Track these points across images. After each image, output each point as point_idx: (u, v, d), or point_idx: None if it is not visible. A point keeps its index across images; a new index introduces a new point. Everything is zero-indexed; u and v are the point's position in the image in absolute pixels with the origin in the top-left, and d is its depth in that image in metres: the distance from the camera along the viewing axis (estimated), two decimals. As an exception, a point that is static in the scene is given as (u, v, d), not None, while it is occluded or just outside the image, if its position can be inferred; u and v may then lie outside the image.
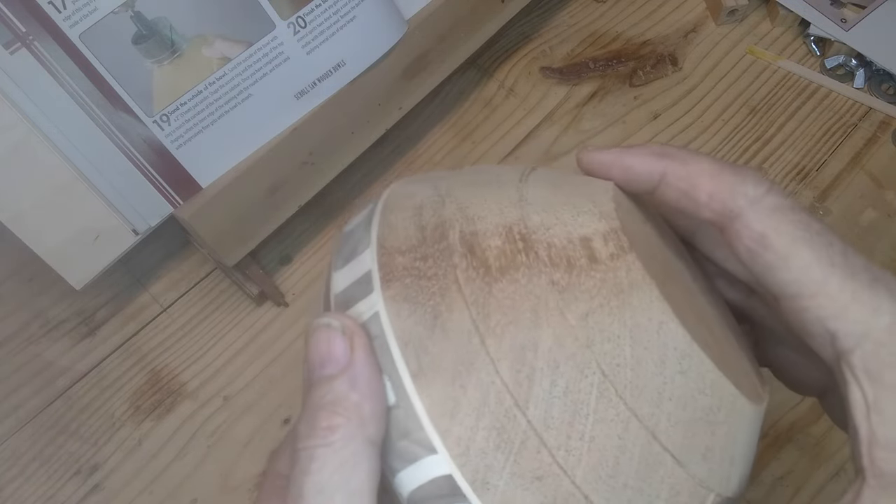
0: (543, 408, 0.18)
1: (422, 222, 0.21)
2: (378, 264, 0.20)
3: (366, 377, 0.19)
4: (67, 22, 0.33)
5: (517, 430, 0.18)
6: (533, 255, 0.19)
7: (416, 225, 0.21)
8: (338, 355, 0.19)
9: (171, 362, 0.44)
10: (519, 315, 0.18)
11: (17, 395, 0.43)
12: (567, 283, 0.19)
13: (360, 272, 0.20)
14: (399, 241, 0.20)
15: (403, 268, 0.20)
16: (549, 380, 0.18)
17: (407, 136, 0.50)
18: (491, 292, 0.19)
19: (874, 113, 0.51)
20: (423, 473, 0.18)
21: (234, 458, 0.41)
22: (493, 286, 0.19)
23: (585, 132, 0.51)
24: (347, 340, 0.19)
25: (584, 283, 0.19)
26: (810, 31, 0.53)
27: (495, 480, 0.18)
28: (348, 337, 0.19)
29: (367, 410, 0.18)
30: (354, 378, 0.19)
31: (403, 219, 0.21)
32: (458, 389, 0.18)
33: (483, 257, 0.19)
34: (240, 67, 0.36)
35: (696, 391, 0.19)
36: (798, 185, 0.49)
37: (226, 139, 0.37)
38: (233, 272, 0.43)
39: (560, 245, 0.19)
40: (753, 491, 0.39)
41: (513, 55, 0.53)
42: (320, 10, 0.37)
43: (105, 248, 0.37)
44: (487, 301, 0.19)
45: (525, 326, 0.18)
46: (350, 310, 0.20)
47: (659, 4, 0.56)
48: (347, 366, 0.19)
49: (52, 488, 0.40)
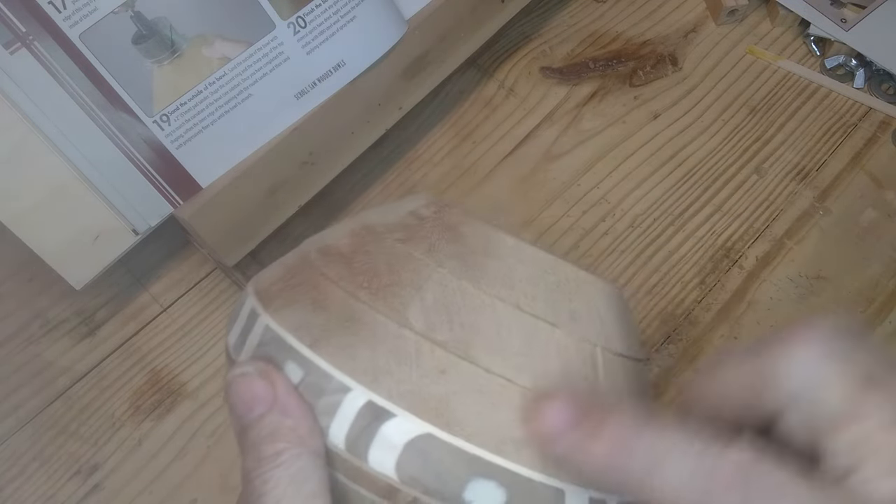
0: (423, 318, 0.21)
1: (286, 263, 0.25)
2: (256, 298, 0.24)
3: (293, 403, 0.21)
4: (67, 22, 0.33)
5: (409, 342, 0.21)
6: (375, 234, 0.24)
7: (281, 265, 0.25)
8: (262, 395, 0.21)
9: (171, 362, 0.44)
10: (377, 269, 0.22)
11: (17, 395, 0.43)
12: (407, 236, 0.23)
13: (245, 314, 0.24)
14: (269, 281, 0.25)
15: (278, 290, 0.24)
16: (419, 298, 0.22)
17: (407, 136, 0.50)
18: (351, 266, 0.23)
19: (874, 113, 0.51)
20: (348, 412, 0.21)
21: (234, 458, 0.41)
22: (351, 262, 0.23)
23: (585, 132, 0.51)
24: (265, 379, 0.21)
25: (419, 232, 0.23)
26: (810, 31, 0.53)
27: (408, 387, 0.21)
28: (265, 376, 0.21)
29: (303, 430, 0.20)
30: (284, 408, 0.21)
31: (271, 269, 0.26)
32: (351, 337, 0.21)
33: (338, 251, 0.24)
34: (240, 67, 0.36)
35: (540, 271, 0.23)
36: (798, 185, 0.49)
37: (226, 139, 0.37)
38: (233, 272, 0.43)
39: (394, 221, 0.24)
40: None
41: (513, 55, 0.53)
42: (320, 10, 0.37)
43: (105, 248, 0.37)
44: (349, 273, 0.23)
45: (385, 273, 0.22)
46: (246, 342, 0.23)
47: (659, 4, 0.56)
48: (273, 400, 0.21)
49: (52, 488, 0.40)
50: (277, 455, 0.20)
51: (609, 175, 0.49)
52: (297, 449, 0.20)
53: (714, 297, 0.45)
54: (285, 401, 0.21)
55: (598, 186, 0.49)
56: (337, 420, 0.21)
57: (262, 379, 0.21)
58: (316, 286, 0.23)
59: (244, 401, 0.21)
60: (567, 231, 0.47)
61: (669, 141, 0.50)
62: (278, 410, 0.21)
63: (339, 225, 0.26)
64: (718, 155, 0.50)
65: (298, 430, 0.20)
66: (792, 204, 0.48)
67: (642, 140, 0.50)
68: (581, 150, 0.50)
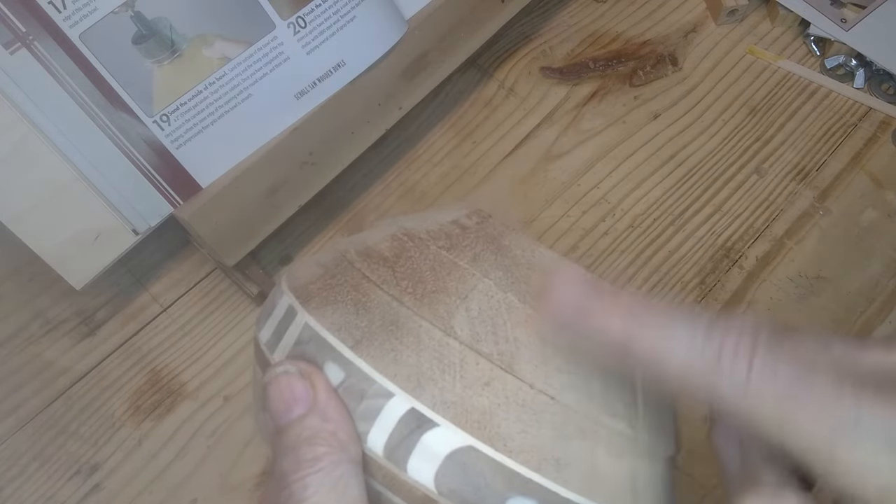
0: (468, 328, 0.21)
1: (322, 262, 0.25)
2: (294, 295, 0.23)
3: (333, 407, 0.20)
4: (67, 22, 0.33)
5: (454, 351, 0.21)
6: (417, 239, 0.24)
7: (317, 264, 0.25)
8: (301, 396, 0.21)
9: (171, 362, 0.44)
10: (422, 275, 0.22)
11: (17, 395, 0.43)
12: (451, 244, 0.23)
13: (281, 311, 0.24)
14: (306, 279, 0.24)
15: (317, 289, 0.23)
16: (464, 307, 0.22)
17: (407, 136, 0.50)
18: (393, 270, 0.23)
19: (874, 113, 0.51)
20: (389, 419, 0.20)
21: (234, 458, 0.41)
22: (394, 267, 0.23)
23: (585, 132, 0.51)
24: (306, 381, 0.21)
25: (463, 241, 0.23)
26: (810, 31, 0.53)
27: (451, 397, 0.20)
28: (307, 377, 0.21)
29: (343, 435, 0.20)
30: (324, 411, 0.20)
31: (306, 266, 0.25)
32: (394, 341, 0.21)
33: (379, 254, 0.23)
34: (240, 67, 0.36)
35: None
36: (798, 185, 0.49)
37: (226, 139, 0.37)
38: (233, 272, 0.43)
39: (436, 229, 0.24)
40: (753, 491, 0.39)
41: (513, 55, 0.53)
42: (320, 10, 0.37)
43: (105, 248, 0.37)
44: (393, 277, 0.22)
45: (430, 280, 0.22)
46: (282, 340, 0.23)
47: (659, 4, 0.56)
48: (314, 403, 0.20)
49: (52, 488, 0.40)
50: (317, 460, 0.20)
51: (609, 175, 0.49)
52: (337, 455, 0.20)
53: (714, 298, 0.45)
54: (326, 404, 0.20)
55: (598, 186, 0.49)
56: (377, 426, 0.20)
57: (302, 379, 0.21)
58: (357, 287, 0.22)
59: (283, 400, 0.21)
60: (567, 231, 0.47)
61: (669, 141, 0.50)
62: (318, 414, 0.20)
63: (373, 230, 0.26)
64: (718, 155, 0.50)
65: (338, 435, 0.20)
66: (792, 204, 0.48)
67: (642, 140, 0.50)
68: (581, 150, 0.50)
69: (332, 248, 0.26)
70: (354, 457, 0.20)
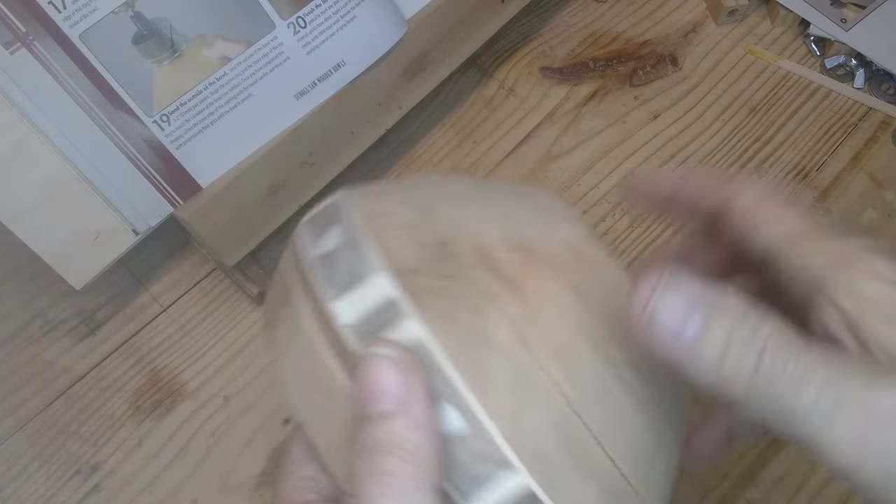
0: (590, 404, 0.19)
1: (421, 239, 0.20)
2: (400, 289, 0.19)
3: (425, 416, 0.18)
4: (67, 22, 0.33)
5: (573, 427, 0.19)
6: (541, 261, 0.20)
7: (417, 243, 0.20)
8: (393, 390, 0.18)
9: (171, 362, 0.44)
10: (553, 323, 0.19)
11: (17, 395, 0.43)
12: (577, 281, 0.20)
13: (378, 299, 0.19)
14: (407, 261, 0.20)
15: (427, 289, 0.19)
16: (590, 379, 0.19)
17: (407, 137, 0.50)
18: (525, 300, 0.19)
19: (874, 113, 0.51)
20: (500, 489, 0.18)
21: (234, 458, 0.41)
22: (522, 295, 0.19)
23: (585, 132, 0.51)
24: (403, 375, 0.18)
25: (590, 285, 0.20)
26: (810, 31, 0.53)
27: (562, 479, 0.18)
28: (404, 371, 0.18)
29: (428, 453, 0.18)
30: (414, 417, 0.18)
31: (397, 238, 0.20)
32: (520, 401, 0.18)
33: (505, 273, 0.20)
34: (240, 67, 0.36)
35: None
36: (798, 185, 0.49)
37: (226, 139, 0.37)
38: (233, 272, 0.43)
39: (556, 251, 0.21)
40: (753, 491, 0.39)
41: (513, 55, 0.53)
42: (320, 10, 0.37)
43: (105, 248, 0.37)
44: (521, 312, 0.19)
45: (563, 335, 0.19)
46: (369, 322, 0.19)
47: (659, 4, 0.56)
48: (404, 403, 0.18)
49: (52, 488, 0.40)
50: (392, 476, 0.17)
51: (609, 175, 0.49)
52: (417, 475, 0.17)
53: (714, 297, 0.45)
54: (418, 409, 0.18)
55: (598, 186, 0.49)
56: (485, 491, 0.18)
57: (398, 372, 0.18)
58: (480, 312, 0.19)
59: (371, 384, 0.18)
60: (567, 231, 0.47)
61: (669, 141, 0.50)
62: (406, 418, 0.18)
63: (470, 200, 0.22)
64: (718, 155, 0.50)
65: (423, 452, 0.18)
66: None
67: (642, 140, 0.50)
68: (581, 150, 0.50)
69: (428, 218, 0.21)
70: (435, 483, 0.17)
